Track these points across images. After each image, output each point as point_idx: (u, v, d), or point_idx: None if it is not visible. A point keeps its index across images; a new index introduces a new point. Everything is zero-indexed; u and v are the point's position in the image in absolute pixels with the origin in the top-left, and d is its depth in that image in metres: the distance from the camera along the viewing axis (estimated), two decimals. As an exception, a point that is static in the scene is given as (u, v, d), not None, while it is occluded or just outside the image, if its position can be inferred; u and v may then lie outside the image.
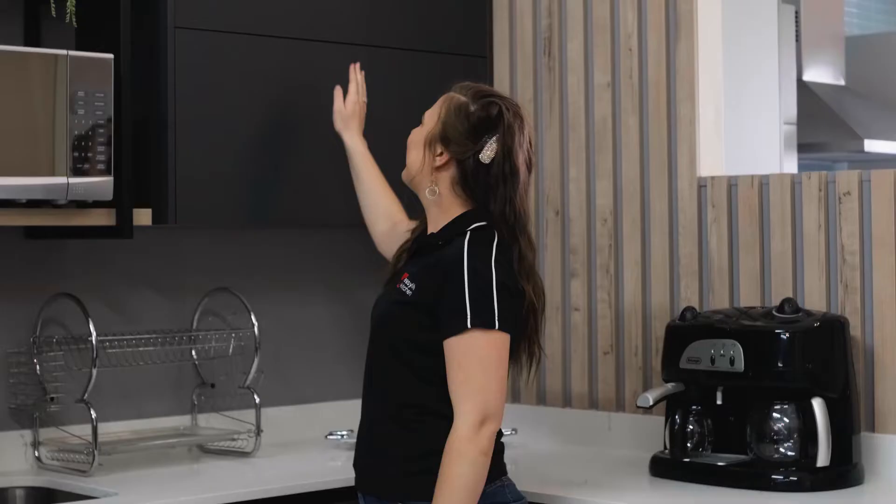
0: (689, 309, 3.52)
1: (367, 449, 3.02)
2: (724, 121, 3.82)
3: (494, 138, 2.97)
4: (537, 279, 3.02)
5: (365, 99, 3.66)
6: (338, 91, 3.62)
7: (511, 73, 4.17)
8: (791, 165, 4.67)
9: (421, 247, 3.04)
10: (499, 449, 2.96)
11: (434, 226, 3.04)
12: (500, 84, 4.18)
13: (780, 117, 4.19)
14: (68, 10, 3.37)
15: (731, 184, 3.71)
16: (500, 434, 2.98)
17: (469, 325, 2.82)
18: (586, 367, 3.99)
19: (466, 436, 2.80)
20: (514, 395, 4.14)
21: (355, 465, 3.05)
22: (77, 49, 3.60)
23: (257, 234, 4.05)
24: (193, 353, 3.89)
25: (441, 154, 3.00)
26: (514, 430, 4.01)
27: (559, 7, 4.06)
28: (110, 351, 3.68)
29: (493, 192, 2.96)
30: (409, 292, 2.94)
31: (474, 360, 2.82)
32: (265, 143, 3.69)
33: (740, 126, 3.99)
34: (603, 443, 3.92)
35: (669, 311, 3.79)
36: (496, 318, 2.83)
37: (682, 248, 3.80)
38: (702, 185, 3.77)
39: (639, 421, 3.80)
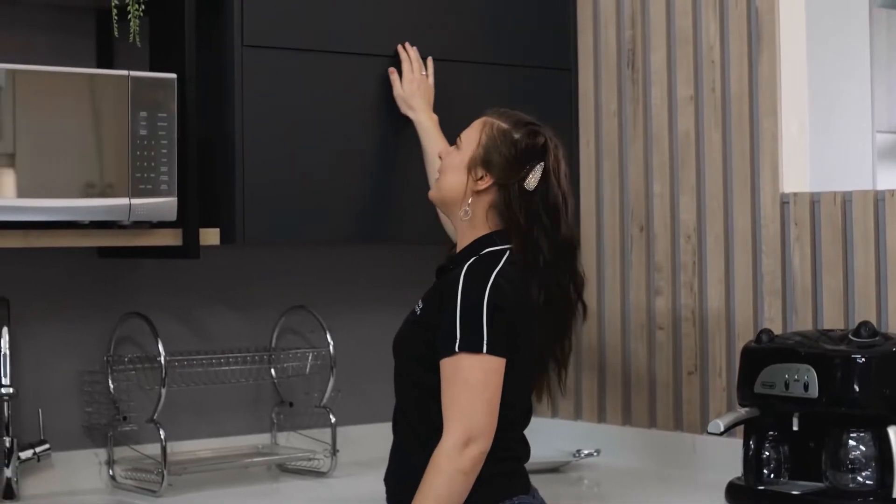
0: (765, 331, 3.40)
1: (394, 464, 3.07)
2: (809, 134, 3.69)
3: (539, 166, 2.99)
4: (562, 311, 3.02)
5: (424, 73, 3.67)
6: (393, 76, 3.67)
7: (595, 86, 4.08)
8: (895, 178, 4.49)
9: (440, 268, 3.08)
10: (505, 470, 2.95)
11: (460, 247, 3.06)
12: (585, 97, 4.10)
13: (872, 127, 4.03)
14: (132, 31, 3.37)
15: (814, 200, 3.58)
16: (519, 453, 3.00)
17: (457, 349, 2.85)
18: (671, 387, 3.89)
19: (447, 452, 2.83)
20: (601, 415, 4.06)
21: (385, 480, 3.09)
22: (151, 69, 3.63)
23: (335, 251, 4.02)
24: (273, 371, 3.88)
25: (482, 178, 3.01)
26: (597, 451, 3.94)
27: (642, 18, 3.96)
28: (180, 370, 3.68)
29: (539, 221, 2.98)
30: (418, 311, 3.01)
31: (460, 381, 2.85)
32: (334, 160, 3.65)
33: (830, 139, 3.84)
34: (687, 465, 3.81)
35: (753, 331, 3.66)
36: (485, 342, 2.85)
37: (765, 266, 3.68)
38: (784, 201, 3.64)
39: (724, 444, 3.67)
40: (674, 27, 3.89)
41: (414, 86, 3.66)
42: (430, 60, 3.73)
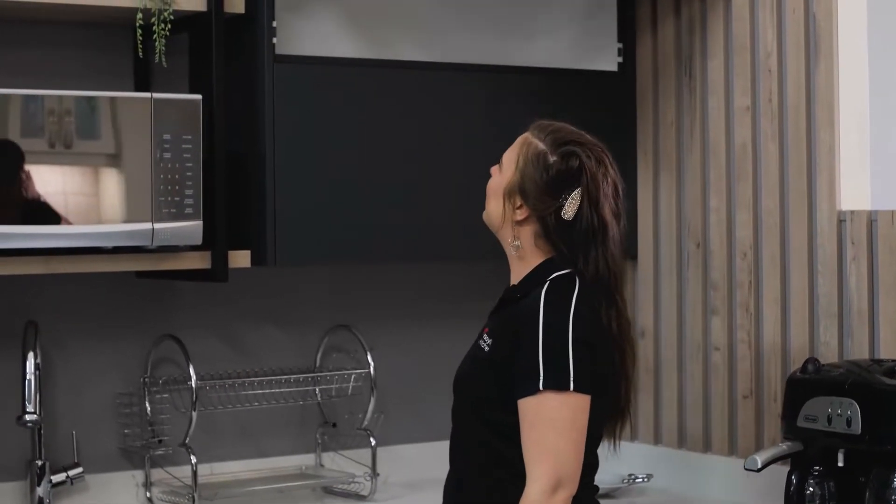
0: (811, 360, 3.23)
1: (450, 499, 2.85)
2: (870, 147, 3.50)
3: (576, 192, 2.71)
4: (631, 343, 2.78)
5: None
6: None
7: (654, 94, 3.92)
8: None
9: (503, 300, 2.83)
10: None
11: (516, 276, 2.80)
12: (643, 105, 3.94)
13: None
14: (157, 50, 3.30)
15: (872, 219, 3.39)
16: (594, 494, 2.79)
17: (541, 387, 2.61)
18: (726, 411, 3.73)
19: (536, 500, 2.60)
20: (657, 437, 3.92)
21: None
22: (190, 87, 3.56)
23: (378, 268, 3.92)
24: (318, 392, 3.80)
25: (521, 207, 2.76)
26: (649, 476, 3.81)
27: (700, 24, 3.79)
28: (211, 393, 3.61)
29: (583, 251, 2.72)
30: (486, 348, 2.75)
31: (546, 422, 2.62)
32: (367, 178, 3.54)
33: (893, 152, 3.63)
34: (739, 493, 3.65)
35: (808, 356, 3.48)
36: (571, 379, 2.61)
37: (821, 287, 3.50)
38: (842, 219, 3.45)
39: (778, 472, 3.49)
40: (731, 33, 3.71)
41: None
42: None
